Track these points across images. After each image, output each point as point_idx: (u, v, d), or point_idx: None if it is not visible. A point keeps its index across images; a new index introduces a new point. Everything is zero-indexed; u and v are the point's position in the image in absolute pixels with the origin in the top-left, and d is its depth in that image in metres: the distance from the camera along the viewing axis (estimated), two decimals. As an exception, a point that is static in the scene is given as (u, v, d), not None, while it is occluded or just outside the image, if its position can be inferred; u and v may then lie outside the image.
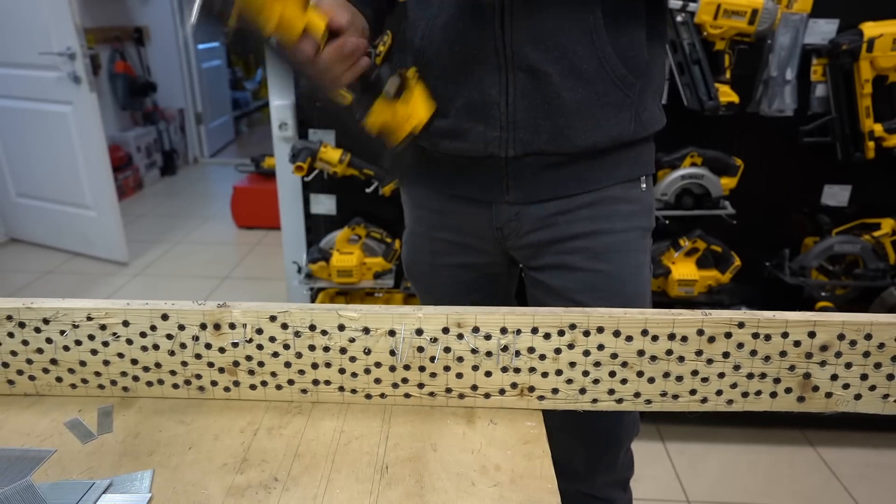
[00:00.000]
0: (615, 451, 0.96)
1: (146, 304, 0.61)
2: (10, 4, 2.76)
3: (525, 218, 0.85)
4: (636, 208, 0.86)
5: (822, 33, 1.51)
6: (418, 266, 1.00)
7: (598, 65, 0.76)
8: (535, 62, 0.76)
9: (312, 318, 0.61)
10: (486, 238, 0.89)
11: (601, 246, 0.84)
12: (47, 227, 3.25)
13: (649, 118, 0.84)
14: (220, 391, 0.65)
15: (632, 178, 0.86)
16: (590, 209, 0.84)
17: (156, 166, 4.55)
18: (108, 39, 4.05)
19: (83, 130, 2.87)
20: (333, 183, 1.81)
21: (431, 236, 0.95)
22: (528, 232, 0.86)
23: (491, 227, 0.87)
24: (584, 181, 0.83)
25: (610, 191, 0.84)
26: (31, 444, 0.59)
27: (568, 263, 0.85)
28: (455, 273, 0.96)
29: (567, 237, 0.85)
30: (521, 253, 0.89)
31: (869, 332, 0.58)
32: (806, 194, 1.71)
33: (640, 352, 0.60)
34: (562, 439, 0.97)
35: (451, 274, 0.96)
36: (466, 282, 0.97)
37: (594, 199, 0.84)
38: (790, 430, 1.86)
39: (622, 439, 0.96)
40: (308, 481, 0.55)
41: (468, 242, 0.92)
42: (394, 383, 0.63)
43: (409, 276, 1.03)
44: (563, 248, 0.85)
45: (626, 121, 0.81)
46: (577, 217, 0.84)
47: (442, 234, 0.94)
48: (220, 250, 3.36)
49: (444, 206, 0.92)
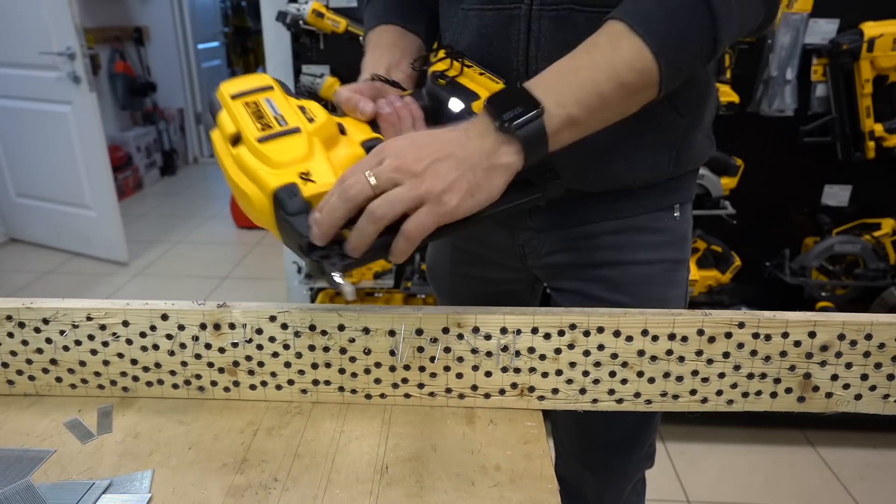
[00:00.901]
0: (622, 484, 0.91)
1: (146, 305, 0.61)
2: (10, 4, 2.76)
3: (546, 238, 0.80)
4: (665, 239, 0.78)
5: (822, 33, 1.51)
6: (439, 270, 0.97)
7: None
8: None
9: (312, 318, 0.61)
10: (508, 253, 0.85)
11: (623, 277, 0.78)
12: (47, 227, 3.25)
13: (693, 156, 0.75)
14: (220, 391, 0.65)
15: (663, 208, 0.78)
16: (614, 237, 0.77)
17: (156, 166, 4.55)
18: (108, 39, 4.05)
19: (83, 130, 2.87)
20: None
21: (453, 244, 0.91)
22: (549, 253, 0.81)
23: (513, 244, 0.83)
24: (609, 211, 0.77)
25: (637, 219, 0.77)
26: (30, 444, 0.59)
27: (587, 292, 0.80)
28: (473, 284, 0.92)
29: (589, 264, 0.79)
30: (543, 272, 0.85)
31: (869, 332, 0.58)
32: (806, 194, 1.71)
33: (641, 352, 0.60)
34: (570, 465, 0.94)
35: (469, 284, 0.92)
36: (485, 294, 0.92)
37: (619, 227, 0.77)
38: (790, 430, 1.86)
39: (629, 473, 0.90)
40: (308, 481, 0.55)
41: (490, 256, 0.88)
42: (394, 383, 0.63)
43: (429, 277, 1.00)
44: (584, 275, 0.80)
45: (664, 163, 0.73)
46: (600, 244, 0.78)
47: (464, 244, 0.90)
48: (219, 250, 3.36)
49: None
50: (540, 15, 0.66)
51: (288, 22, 1.62)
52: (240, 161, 0.54)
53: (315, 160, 0.55)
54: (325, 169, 0.54)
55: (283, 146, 0.54)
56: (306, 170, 0.54)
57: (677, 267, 0.80)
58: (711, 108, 0.77)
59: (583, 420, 0.63)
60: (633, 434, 0.86)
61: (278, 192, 0.52)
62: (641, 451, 0.88)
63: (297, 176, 0.53)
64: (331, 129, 0.58)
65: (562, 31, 0.64)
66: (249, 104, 0.57)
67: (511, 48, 0.68)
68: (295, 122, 0.56)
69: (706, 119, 0.76)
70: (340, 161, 0.57)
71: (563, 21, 0.65)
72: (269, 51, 1.81)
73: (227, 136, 0.56)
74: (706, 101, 0.74)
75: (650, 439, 0.88)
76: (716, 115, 0.80)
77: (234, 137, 0.56)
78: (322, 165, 0.55)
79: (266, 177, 0.52)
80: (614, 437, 0.86)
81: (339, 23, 1.62)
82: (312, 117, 0.57)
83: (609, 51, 0.55)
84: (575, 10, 0.64)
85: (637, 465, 0.90)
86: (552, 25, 0.65)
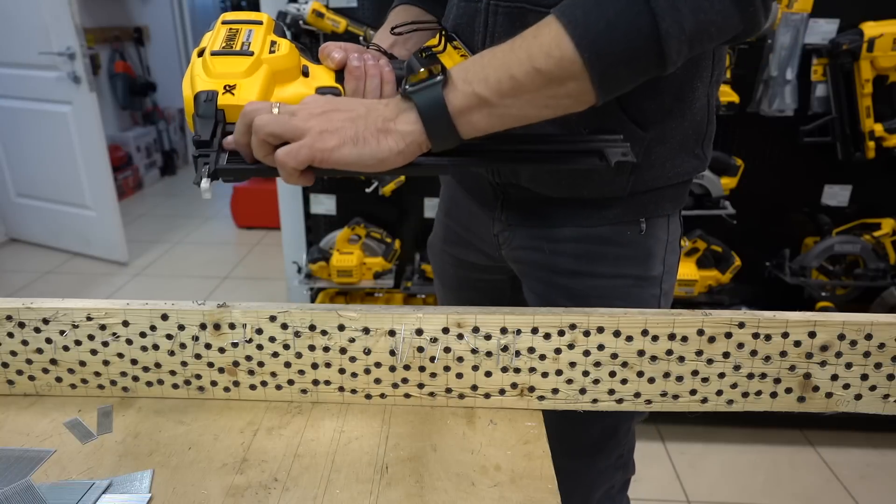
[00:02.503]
0: (584, 492, 0.90)
1: (146, 305, 0.61)
2: (10, 4, 2.76)
3: (516, 233, 0.81)
4: (627, 253, 0.75)
5: (822, 33, 1.51)
6: (433, 246, 0.99)
7: (594, 112, 0.60)
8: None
9: (312, 318, 0.61)
10: (487, 241, 0.87)
11: (583, 289, 0.77)
12: (47, 227, 3.25)
13: (664, 174, 0.71)
14: (220, 391, 0.65)
15: (627, 221, 0.74)
16: (575, 245, 0.76)
17: (156, 166, 4.54)
18: (108, 39, 4.05)
19: (83, 130, 2.87)
20: (333, 183, 1.81)
21: (445, 222, 0.94)
22: (518, 248, 0.81)
23: (490, 233, 0.85)
24: (571, 216, 0.75)
25: (599, 230, 0.75)
26: (30, 444, 0.59)
27: (550, 298, 0.79)
28: (458, 265, 0.94)
29: (552, 269, 0.78)
30: (515, 266, 0.85)
31: (869, 333, 0.58)
32: (806, 194, 1.71)
33: (641, 352, 0.60)
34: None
35: (454, 264, 0.95)
36: (468, 279, 0.95)
37: (581, 235, 0.75)
38: (790, 430, 1.86)
39: (593, 481, 0.89)
40: (308, 481, 0.55)
41: (472, 240, 0.90)
42: (394, 383, 0.63)
43: (428, 254, 1.02)
44: (548, 280, 0.79)
45: (623, 177, 0.70)
46: (562, 250, 0.77)
47: (452, 224, 0.92)
48: (220, 250, 3.36)
49: (456, 196, 0.90)
50: (496, 10, 0.67)
51: (288, 22, 1.62)
52: (191, 68, 0.61)
53: (249, 81, 0.59)
54: (254, 90, 0.59)
55: (227, 62, 0.60)
56: (234, 83, 0.59)
57: (641, 284, 0.77)
58: (695, 125, 0.71)
59: (550, 424, 0.63)
60: (597, 444, 0.86)
61: (198, 93, 0.58)
62: (608, 461, 0.87)
63: (222, 86, 0.59)
64: (288, 64, 0.62)
65: (515, 27, 0.62)
66: (232, 29, 0.63)
67: (475, 40, 0.70)
68: (256, 48, 0.61)
69: (684, 136, 0.70)
70: (288, 95, 0.62)
71: (515, 18, 0.66)
72: (269, 51, 1.81)
73: (198, 49, 0.62)
74: (680, 117, 0.68)
75: (619, 451, 0.87)
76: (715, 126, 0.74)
77: (201, 51, 0.61)
78: (253, 87, 0.59)
79: (198, 81, 0.59)
80: (578, 444, 0.85)
81: (339, 23, 1.62)
82: (276, 50, 0.62)
83: (530, 37, 0.55)
84: (527, 9, 0.65)
85: (603, 475, 0.89)
86: (506, 21, 0.67)
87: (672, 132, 0.69)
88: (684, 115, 0.69)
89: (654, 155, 0.69)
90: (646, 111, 0.67)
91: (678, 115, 0.68)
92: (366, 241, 1.80)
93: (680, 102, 0.68)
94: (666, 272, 0.78)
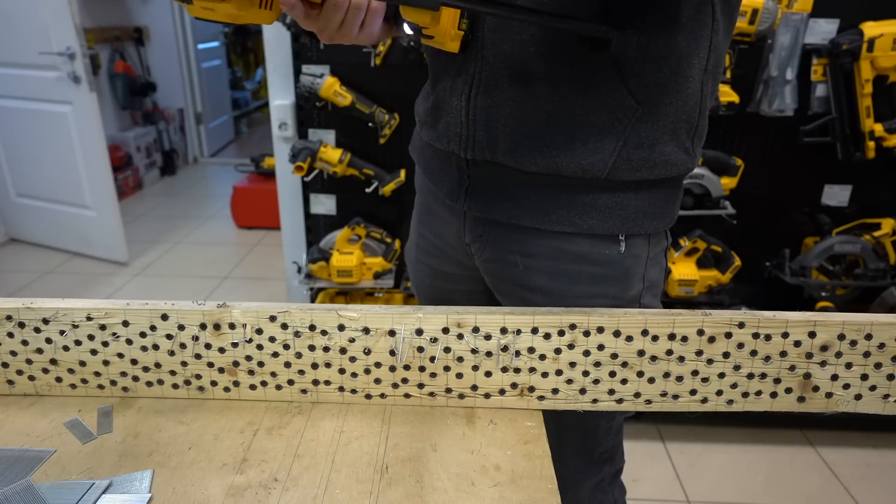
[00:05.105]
0: (572, 485, 0.89)
1: (146, 305, 0.61)
2: (10, 4, 2.76)
3: (489, 242, 0.77)
4: (605, 273, 0.72)
5: (822, 33, 1.51)
6: (409, 254, 0.98)
7: (589, 73, 0.62)
8: (509, 51, 0.65)
9: (312, 319, 0.61)
10: (459, 250, 0.84)
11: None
12: (47, 227, 3.25)
13: (649, 161, 0.68)
14: (220, 391, 0.65)
15: (602, 234, 0.71)
16: (551, 261, 0.73)
17: (156, 166, 4.54)
18: (108, 39, 4.05)
19: (83, 130, 2.87)
20: (333, 183, 1.81)
21: (419, 230, 0.92)
22: (490, 260, 0.79)
23: (462, 241, 0.81)
24: (543, 214, 0.71)
25: (575, 244, 0.72)
26: (30, 444, 0.59)
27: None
28: (432, 275, 0.92)
29: (526, 285, 0.76)
30: (487, 278, 0.83)
31: (869, 333, 0.58)
32: (806, 194, 1.71)
33: (641, 352, 0.60)
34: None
35: (429, 274, 0.93)
36: (442, 289, 0.92)
37: (556, 250, 0.73)
38: (790, 430, 1.86)
39: (579, 481, 0.88)
40: (308, 481, 0.55)
41: (445, 249, 0.87)
42: (394, 383, 0.63)
43: (406, 261, 1.00)
44: (520, 296, 0.77)
45: (606, 150, 0.67)
46: (536, 265, 0.74)
47: (425, 232, 0.90)
48: (219, 250, 3.36)
49: (428, 202, 0.88)
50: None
51: (288, 22, 1.62)
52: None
53: None
54: None
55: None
56: None
57: (619, 304, 0.74)
58: (686, 114, 0.68)
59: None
60: (574, 443, 0.86)
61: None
62: (590, 458, 0.87)
63: None
64: None
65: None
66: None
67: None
68: None
69: (674, 122, 0.68)
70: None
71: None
72: (269, 51, 1.81)
73: None
74: (674, 100, 0.67)
75: (601, 448, 0.87)
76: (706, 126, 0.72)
77: None
78: None
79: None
80: (562, 439, 0.83)
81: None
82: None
83: None
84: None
85: (587, 472, 0.89)
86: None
87: (664, 110, 0.67)
88: (679, 93, 0.67)
89: (644, 132, 0.67)
90: (645, 84, 0.65)
91: (673, 92, 0.66)
92: (366, 241, 1.80)
93: (676, 77, 0.66)
94: (647, 287, 0.76)
